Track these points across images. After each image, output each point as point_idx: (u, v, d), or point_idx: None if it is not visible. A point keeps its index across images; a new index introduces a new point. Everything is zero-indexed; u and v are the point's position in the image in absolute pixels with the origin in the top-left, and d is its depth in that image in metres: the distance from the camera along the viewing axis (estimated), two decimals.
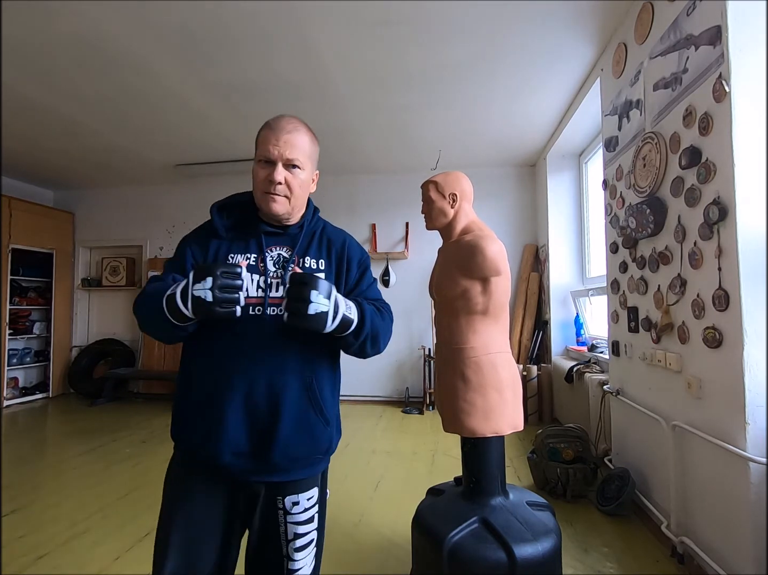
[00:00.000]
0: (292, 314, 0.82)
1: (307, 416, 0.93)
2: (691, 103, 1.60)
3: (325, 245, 1.05)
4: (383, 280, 4.37)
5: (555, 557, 1.32)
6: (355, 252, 1.09)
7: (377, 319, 0.98)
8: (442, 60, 2.54)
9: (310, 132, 1.06)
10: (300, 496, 0.95)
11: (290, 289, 0.83)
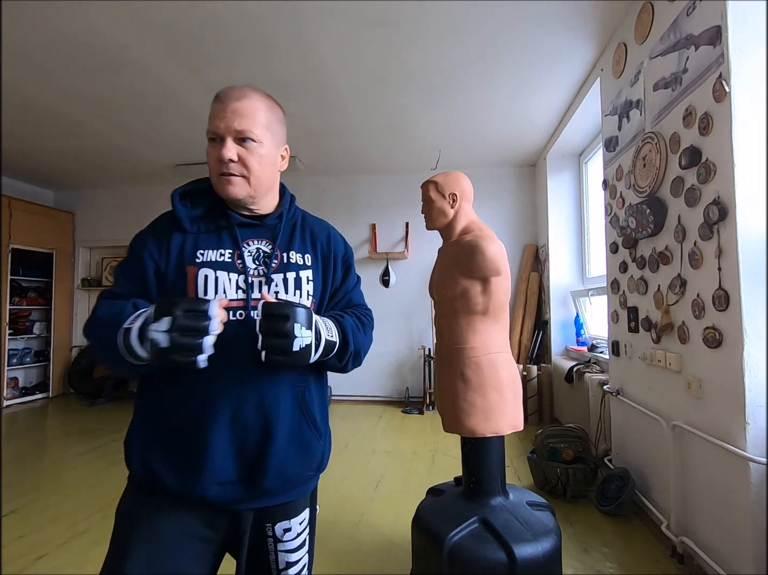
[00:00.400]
0: (272, 352, 0.70)
1: (300, 430, 0.83)
2: (691, 103, 1.60)
3: (309, 238, 0.93)
4: (383, 280, 4.38)
5: (555, 557, 1.32)
6: (340, 247, 0.99)
7: (359, 334, 0.90)
8: (442, 60, 2.54)
9: (266, 98, 0.87)
10: (292, 522, 0.86)
11: (266, 323, 0.69)
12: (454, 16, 2.15)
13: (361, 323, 0.93)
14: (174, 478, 0.77)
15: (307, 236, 0.94)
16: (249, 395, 0.79)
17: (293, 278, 0.86)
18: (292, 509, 0.87)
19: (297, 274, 0.87)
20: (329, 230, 1.00)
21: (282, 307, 0.71)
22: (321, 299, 0.92)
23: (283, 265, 0.86)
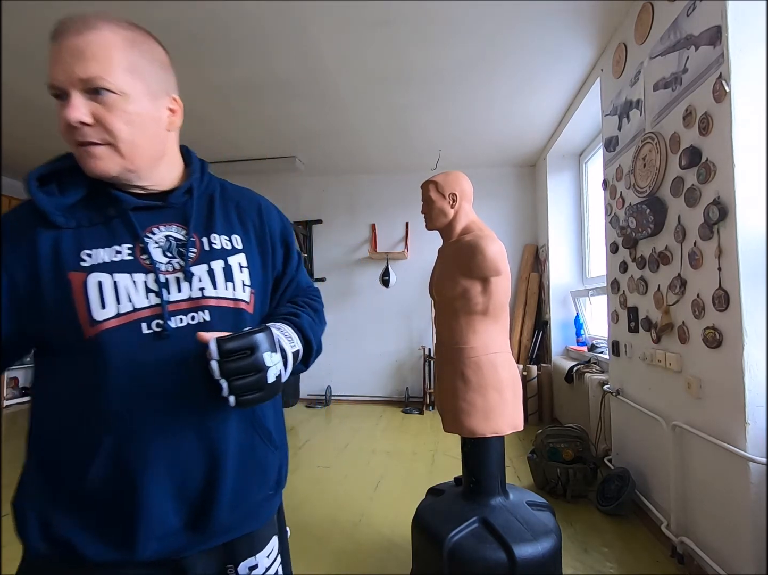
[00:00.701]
0: (245, 395, 0.56)
1: (253, 448, 0.69)
2: (691, 103, 1.60)
3: (235, 214, 0.75)
4: (383, 280, 4.37)
5: (555, 557, 1.32)
6: (276, 222, 0.81)
7: (317, 326, 0.78)
8: (442, 60, 2.54)
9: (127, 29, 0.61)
10: (258, 557, 0.70)
11: (229, 365, 0.54)
12: (454, 16, 2.15)
13: (315, 311, 0.81)
14: (97, 546, 0.59)
15: (232, 212, 0.75)
16: (184, 422, 0.62)
17: (221, 267, 0.68)
18: (256, 541, 0.71)
19: (225, 262, 0.69)
20: (259, 201, 0.81)
21: (242, 339, 0.56)
22: (263, 289, 0.76)
23: (204, 253, 0.67)
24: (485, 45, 2.40)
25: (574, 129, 3.32)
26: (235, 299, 0.68)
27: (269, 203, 0.83)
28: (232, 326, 0.66)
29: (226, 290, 0.68)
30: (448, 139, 3.73)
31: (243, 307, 0.69)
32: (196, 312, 0.64)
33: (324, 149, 3.95)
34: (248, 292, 0.71)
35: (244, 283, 0.70)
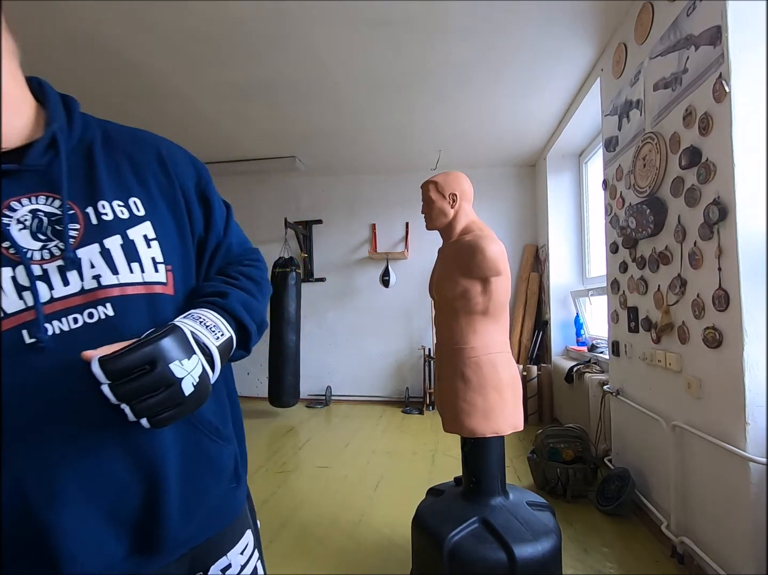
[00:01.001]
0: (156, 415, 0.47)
1: (198, 446, 0.59)
2: (691, 103, 1.60)
3: (129, 168, 0.58)
4: (383, 280, 4.37)
5: (555, 557, 1.32)
6: (187, 169, 0.64)
7: (254, 304, 0.65)
8: (443, 60, 2.54)
9: None
10: (230, 555, 0.63)
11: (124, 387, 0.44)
12: (454, 17, 2.15)
13: (253, 281, 0.68)
14: None
15: (124, 167, 0.57)
16: (101, 440, 0.51)
17: (119, 245, 0.53)
18: (226, 539, 0.64)
19: (124, 236, 0.53)
20: (158, 146, 0.63)
21: (135, 353, 0.45)
22: (184, 262, 0.61)
23: (92, 229, 0.52)
24: (485, 45, 2.40)
25: (574, 129, 3.32)
26: (147, 283, 0.54)
27: (173, 146, 0.65)
28: (149, 317, 0.54)
29: (132, 273, 0.53)
30: (448, 139, 3.73)
31: (159, 291, 0.55)
32: (94, 308, 0.50)
33: (324, 149, 3.95)
34: (163, 270, 0.56)
35: (156, 260, 0.55)
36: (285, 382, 3.89)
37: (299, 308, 4.05)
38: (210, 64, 2.55)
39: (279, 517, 2.10)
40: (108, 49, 2.39)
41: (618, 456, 2.34)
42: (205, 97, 2.98)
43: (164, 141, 0.64)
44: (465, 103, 3.08)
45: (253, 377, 4.75)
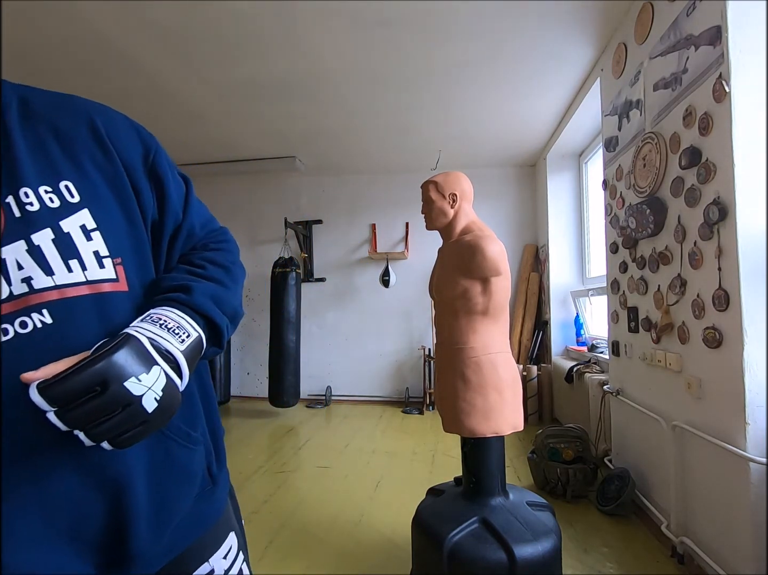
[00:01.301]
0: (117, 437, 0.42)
1: (167, 456, 0.54)
2: (691, 103, 1.60)
3: (56, 144, 0.48)
4: (383, 280, 4.37)
5: (555, 557, 1.32)
6: (131, 141, 0.55)
7: (225, 294, 0.58)
8: (442, 60, 2.54)
9: None
10: (212, 560, 0.59)
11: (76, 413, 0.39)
12: (454, 17, 2.15)
13: (222, 267, 0.60)
14: None
15: (50, 141, 0.48)
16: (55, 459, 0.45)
17: (50, 240, 0.45)
18: (208, 544, 0.60)
19: (56, 230, 0.45)
20: (91, 112, 0.53)
21: (80, 376, 0.39)
22: (138, 251, 0.53)
23: (15, 223, 0.44)
24: (485, 45, 2.40)
25: (574, 129, 3.32)
26: (92, 282, 0.46)
27: (110, 112, 0.55)
28: (99, 321, 0.47)
29: (71, 272, 0.45)
30: (448, 139, 3.73)
31: (109, 289, 0.48)
32: (26, 316, 0.43)
33: (324, 149, 3.95)
34: (111, 265, 0.48)
35: (100, 254, 0.47)
36: (285, 382, 3.89)
37: (299, 308, 4.05)
38: (210, 64, 2.55)
39: (279, 517, 2.10)
40: (108, 48, 2.39)
41: (618, 456, 2.34)
42: (206, 97, 2.98)
43: (99, 107, 0.53)
44: (465, 103, 3.08)
45: (253, 377, 4.76)
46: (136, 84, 2.78)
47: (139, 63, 2.53)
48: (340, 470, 2.71)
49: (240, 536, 0.66)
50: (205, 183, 4.81)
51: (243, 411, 4.26)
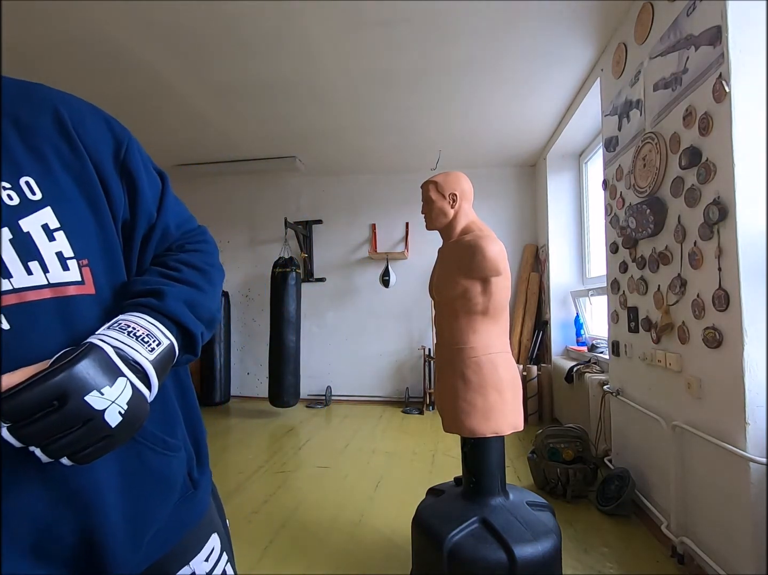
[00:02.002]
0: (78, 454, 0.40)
1: (142, 464, 0.52)
2: (691, 103, 1.60)
3: (14, 135, 0.45)
4: (383, 280, 4.37)
5: (555, 557, 1.32)
6: (100, 134, 0.51)
7: (201, 298, 0.55)
8: (442, 60, 2.54)
9: None
10: (193, 563, 0.57)
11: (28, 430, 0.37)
12: (454, 16, 2.15)
13: (198, 270, 0.57)
14: None
15: (9, 132, 0.44)
16: (17, 474, 0.42)
17: (7, 240, 0.42)
18: (188, 547, 0.58)
19: (14, 229, 0.42)
20: (55, 102, 0.49)
21: (37, 389, 0.37)
22: (107, 251, 0.50)
23: None
24: (485, 45, 2.40)
25: (574, 129, 3.32)
26: (54, 285, 0.44)
27: (77, 102, 0.50)
28: (62, 327, 0.45)
29: (31, 274, 0.42)
30: (448, 139, 3.73)
31: (74, 292, 0.45)
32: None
33: (324, 149, 3.95)
34: (76, 267, 0.45)
35: (63, 255, 0.44)
36: (285, 382, 3.89)
37: (299, 308, 4.05)
38: (210, 64, 2.55)
39: (279, 517, 2.10)
40: (107, 49, 2.39)
41: (618, 456, 2.34)
42: (205, 97, 2.98)
43: (65, 96, 0.48)
44: (465, 103, 3.08)
45: (253, 377, 4.76)
46: (136, 84, 2.78)
47: (139, 63, 2.53)
48: (340, 470, 2.71)
49: (223, 536, 0.64)
50: (205, 183, 4.81)
51: (243, 411, 4.26)
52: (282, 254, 4.15)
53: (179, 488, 0.57)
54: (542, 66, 2.62)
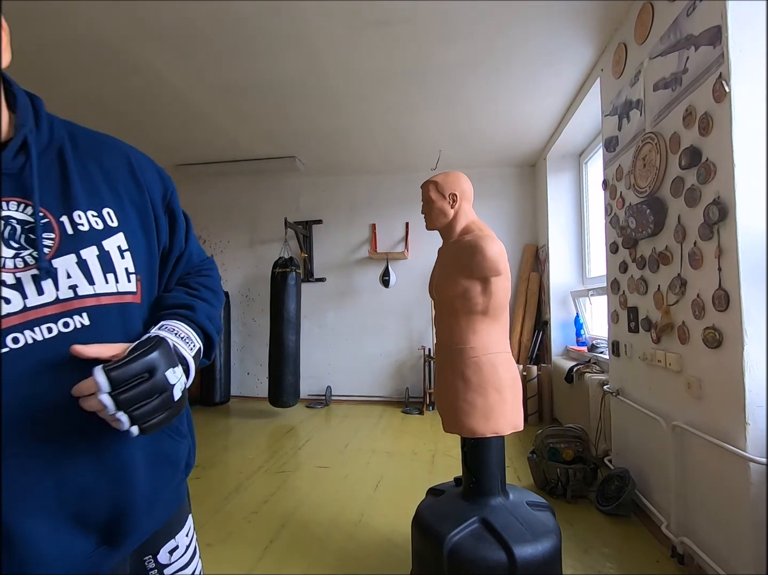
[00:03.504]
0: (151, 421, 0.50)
1: (161, 447, 0.62)
2: (691, 103, 1.60)
3: (101, 177, 0.57)
4: (383, 280, 4.37)
5: (555, 557, 1.32)
6: (155, 181, 0.65)
7: (215, 313, 0.69)
8: (442, 60, 2.54)
9: None
10: (177, 538, 0.68)
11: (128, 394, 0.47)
12: (454, 16, 2.15)
13: (212, 291, 0.71)
14: None
15: (96, 175, 0.56)
16: (70, 444, 0.51)
17: (95, 256, 0.53)
18: (174, 524, 0.68)
19: (99, 248, 0.53)
20: (128, 154, 0.62)
21: (136, 363, 0.48)
22: (150, 272, 0.62)
23: (68, 239, 0.51)
24: (485, 45, 2.40)
25: (574, 129, 3.32)
26: (120, 293, 0.55)
27: (140, 154, 0.64)
28: (120, 325, 0.55)
29: (107, 283, 0.54)
30: (448, 139, 3.73)
31: (129, 300, 0.57)
32: (69, 317, 0.51)
33: (324, 149, 3.95)
34: (134, 280, 0.57)
35: (128, 270, 0.56)
36: (285, 382, 3.89)
37: (299, 308, 4.05)
38: (210, 63, 2.55)
39: (279, 517, 2.10)
40: (108, 49, 2.39)
41: (618, 456, 2.34)
42: (205, 97, 2.98)
43: (132, 149, 0.64)
44: (465, 103, 3.08)
45: (253, 377, 4.76)
46: (136, 84, 2.77)
47: (138, 63, 2.53)
48: (340, 470, 2.71)
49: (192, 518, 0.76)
50: (205, 183, 4.82)
51: (243, 411, 4.26)
52: (282, 254, 4.15)
53: (180, 470, 0.67)
54: (542, 66, 2.61)
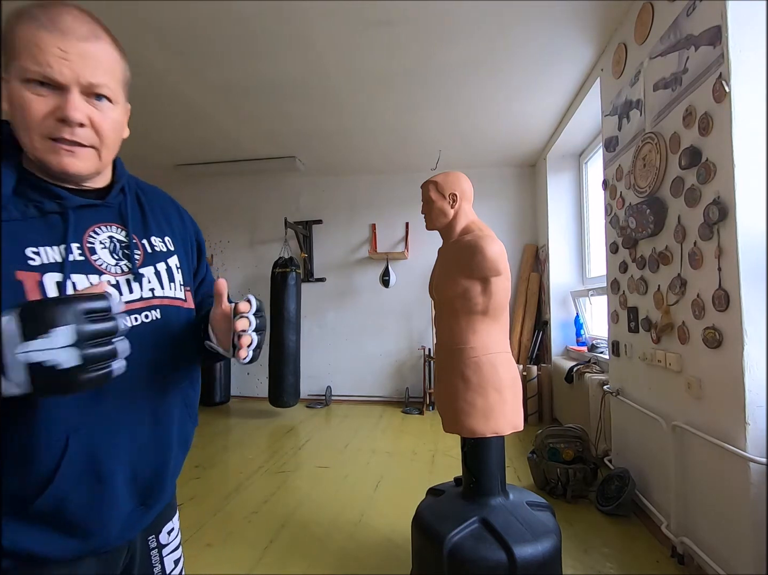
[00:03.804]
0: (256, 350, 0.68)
1: (184, 426, 0.75)
2: (691, 103, 1.60)
3: (162, 215, 0.77)
4: (383, 280, 4.37)
5: (555, 557, 1.32)
6: (191, 222, 0.86)
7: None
8: (443, 60, 2.54)
9: (115, 40, 0.70)
10: (174, 520, 0.79)
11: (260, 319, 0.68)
12: (454, 17, 2.15)
13: None
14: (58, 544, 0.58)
15: (159, 213, 0.77)
16: (141, 413, 0.66)
17: (164, 269, 0.72)
18: (172, 507, 0.79)
19: (166, 264, 0.73)
20: (175, 202, 0.84)
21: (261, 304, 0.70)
22: (192, 287, 0.82)
23: (148, 256, 0.70)
24: (485, 45, 2.40)
25: (574, 129, 3.32)
26: (177, 298, 0.73)
27: (178, 204, 0.86)
28: (176, 321, 0.72)
29: (171, 290, 0.72)
30: (448, 139, 3.73)
31: (179, 304, 0.74)
32: (149, 311, 0.68)
33: (324, 149, 3.95)
34: (184, 290, 0.76)
35: (181, 283, 0.76)
36: (285, 382, 3.89)
37: (299, 308, 4.05)
38: (210, 63, 2.55)
39: (279, 517, 2.10)
40: None
41: (618, 456, 2.34)
42: (205, 97, 2.98)
43: (173, 199, 0.85)
44: (465, 103, 3.08)
45: (253, 377, 4.76)
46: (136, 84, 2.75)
47: (138, 63, 2.53)
48: (340, 470, 2.71)
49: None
50: (205, 183, 4.82)
51: (243, 411, 4.26)
52: (282, 254, 4.15)
53: (187, 450, 0.79)
54: (542, 66, 2.61)
